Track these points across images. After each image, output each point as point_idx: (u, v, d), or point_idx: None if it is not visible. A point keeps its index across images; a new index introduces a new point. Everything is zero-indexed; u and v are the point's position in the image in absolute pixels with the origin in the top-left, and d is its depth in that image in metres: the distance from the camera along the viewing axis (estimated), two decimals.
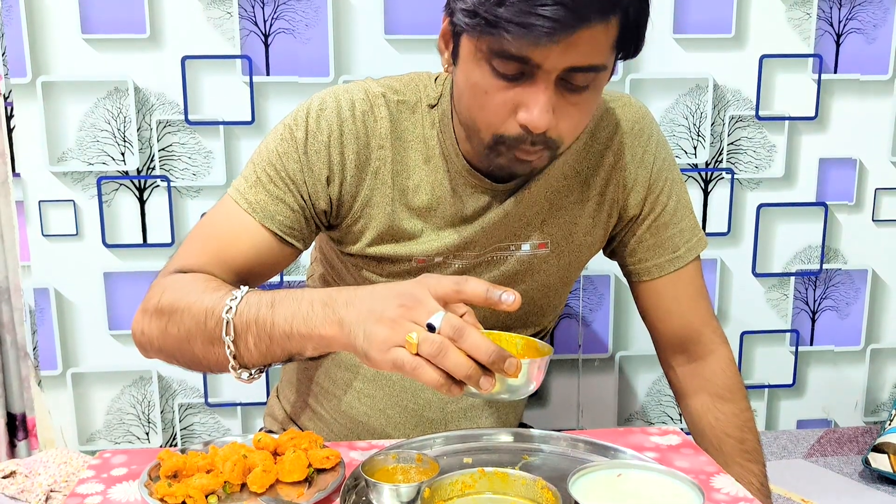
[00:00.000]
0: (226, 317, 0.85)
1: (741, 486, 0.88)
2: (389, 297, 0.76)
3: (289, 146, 1.00)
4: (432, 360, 0.71)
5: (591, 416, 1.81)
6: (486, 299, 0.75)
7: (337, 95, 1.01)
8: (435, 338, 0.71)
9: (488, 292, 0.75)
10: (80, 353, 1.67)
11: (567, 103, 0.88)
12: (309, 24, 1.58)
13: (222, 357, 0.87)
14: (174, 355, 0.93)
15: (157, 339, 0.94)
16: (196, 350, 0.89)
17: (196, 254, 0.99)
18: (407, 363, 0.72)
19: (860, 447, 1.72)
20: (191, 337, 0.89)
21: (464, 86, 0.91)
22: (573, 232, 1.09)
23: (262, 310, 0.84)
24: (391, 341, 0.73)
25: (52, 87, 1.56)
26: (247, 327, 0.85)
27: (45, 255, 1.62)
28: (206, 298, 0.88)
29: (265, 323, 0.84)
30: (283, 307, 0.83)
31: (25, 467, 1.45)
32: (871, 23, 1.69)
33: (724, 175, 1.72)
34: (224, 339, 0.86)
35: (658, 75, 1.66)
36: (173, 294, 0.92)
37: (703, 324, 1.15)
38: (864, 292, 1.82)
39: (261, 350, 0.85)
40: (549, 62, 0.84)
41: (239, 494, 0.84)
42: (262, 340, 0.84)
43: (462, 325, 0.72)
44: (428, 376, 0.72)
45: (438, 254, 1.05)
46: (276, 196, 1.00)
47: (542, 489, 0.78)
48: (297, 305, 0.82)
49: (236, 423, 1.74)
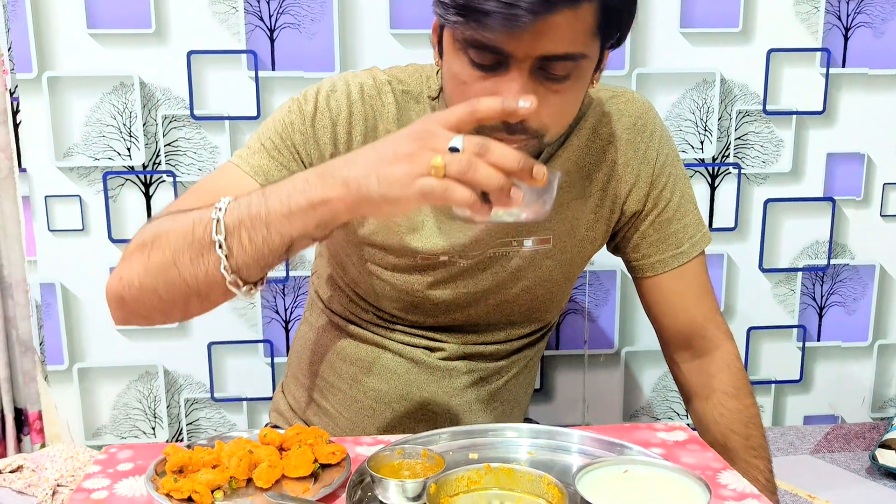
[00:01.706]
0: (216, 216, 0.81)
1: (747, 481, 0.88)
2: (398, 138, 0.75)
3: (296, 118, 1.01)
4: (462, 177, 0.70)
5: (597, 412, 1.81)
6: (503, 111, 0.74)
7: (346, 79, 1.03)
8: (461, 156, 0.71)
9: (504, 104, 0.74)
10: (86, 348, 1.67)
11: (548, 91, 0.87)
12: (314, 18, 1.58)
13: (213, 266, 0.81)
14: (157, 289, 0.86)
15: (137, 277, 0.87)
16: (183, 270, 0.83)
17: (186, 203, 0.92)
18: (436, 187, 0.71)
19: (867, 443, 1.71)
20: (177, 255, 0.83)
21: (447, 77, 0.93)
22: (576, 227, 1.08)
23: (253, 202, 0.80)
24: (413, 173, 0.72)
25: (58, 83, 1.56)
26: (239, 223, 0.80)
27: (52, 250, 1.62)
28: (192, 214, 0.84)
29: (259, 211, 0.79)
30: (276, 191, 0.80)
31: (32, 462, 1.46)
32: (880, 17, 1.68)
33: (731, 170, 1.71)
34: (215, 240, 0.80)
35: (665, 70, 1.66)
36: (155, 226, 0.88)
37: (707, 320, 1.14)
38: (871, 288, 1.81)
39: (256, 244, 0.80)
40: (521, 51, 0.83)
41: (245, 490, 0.84)
42: (257, 231, 0.79)
43: (485, 140, 0.72)
44: (460, 195, 0.71)
45: (443, 252, 1.05)
46: (279, 162, 0.99)
47: (548, 485, 0.78)
48: (291, 185, 0.79)
49: (242, 418, 1.74)
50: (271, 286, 1.68)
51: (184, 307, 0.88)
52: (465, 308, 1.11)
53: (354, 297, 1.15)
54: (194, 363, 1.70)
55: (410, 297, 1.09)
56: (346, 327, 1.17)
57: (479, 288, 1.09)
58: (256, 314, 1.69)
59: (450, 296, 1.09)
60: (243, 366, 1.71)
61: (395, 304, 1.11)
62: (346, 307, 1.17)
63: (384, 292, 1.09)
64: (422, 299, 1.09)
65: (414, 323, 1.12)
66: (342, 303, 1.17)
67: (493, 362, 1.16)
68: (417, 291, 1.08)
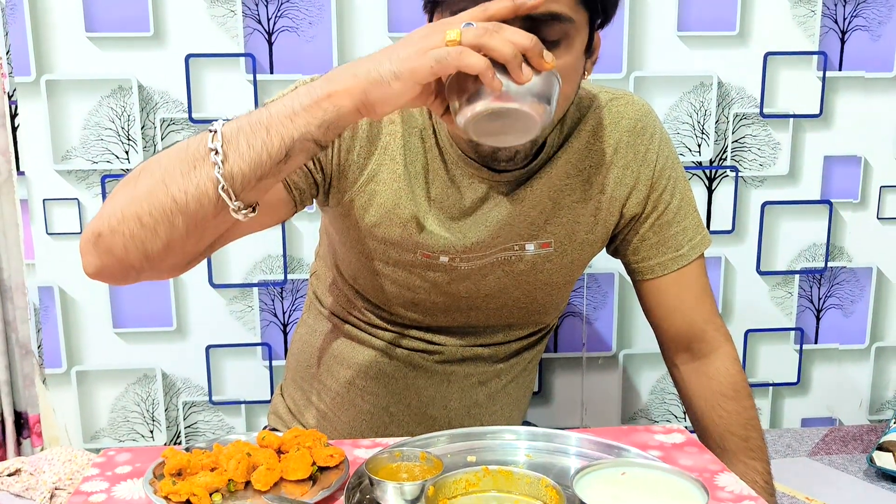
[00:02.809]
0: (214, 128, 0.78)
1: (745, 484, 0.88)
2: (412, 33, 0.77)
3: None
4: (477, 42, 0.72)
5: (595, 415, 1.81)
6: (515, 8, 0.76)
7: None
8: (477, 27, 0.73)
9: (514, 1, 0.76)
10: (84, 351, 1.67)
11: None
12: (312, 22, 1.58)
13: (205, 177, 0.77)
14: (140, 216, 0.79)
15: (121, 207, 0.81)
16: (172, 186, 0.78)
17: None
18: (451, 52, 0.72)
19: (865, 445, 1.71)
20: (167, 174, 0.79)
21: None
22: (576, 231, 1.09)
23: (254, 112, 0.79)
24: (428, 46, 0.74)
25: (57, 86, 1.56)
26: (238, 129, 0.77)
27: (50, 254, 1.62)
28: (185, 140, 0.81)
29: (260, 117, 0.77)
30: (280, 99, 0.79)
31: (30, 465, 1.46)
32: (877, 20, 1.68)
33: (729, 173, 1.72)
34: (211, 148, 0.77)
35: (662, 73, 1.66)
36: (146, 161, 0.84)
37: (706, 322, 1.14)
38: (868, 290, 1.81)
39: (255, 148, 0.76)
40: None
41: (243, 493, 0.84)
42: (256, 136, 0.76)
43: (497, 23, 0.74)
44: (474, 60, 0.72)
45: (444, 252, 1.04)
46: None
47: (546, 487, 0.78)
48: (294, 93, 0.78)
49: (240, 421, 1.74)
50: (269, 289, 1.68)
51: (167, 236, 0.80)
52: (465, 311, 1.11)
53: (354, 295, 1.15)
54: (192, 366, 1.70)
55: (411, 293, 1.09)
56: (344, 329, 1.17)
57: (480, 292, 1.09)
58: (254, 317, 1.69)
59: (450, 298, 1.09)
60: (241, 369, 1.71)
61: (395, 300, 1.10)
62: (345, 308, 1.17)
63: (384, 287, 1.09)
64: (422, 298, 1.09)
65: (413, 322, 1.12)
66: (341, 303, 1.17)
67: (492, 365, 1.16)
68: (418, 289, 1.08)
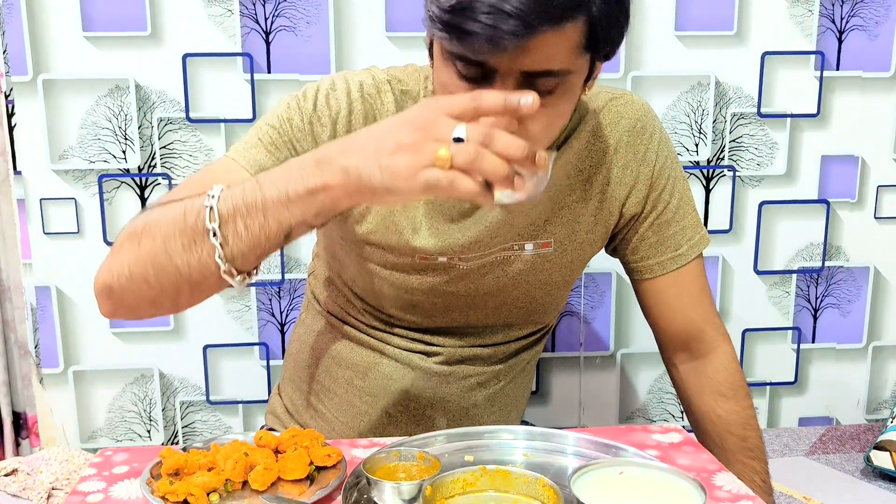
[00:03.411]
0: (209, 203, 0.79)
1: (743, 483, 0.88)
2: (398, 126, 0.74)
3: (295, 115, 1.00)
4: (469, 167, 0.70)
5: (593, 414, 1.81)
6: (505, 107, 0.73)
7: (346, 77, 1.03)
8: (468, 146, 0.70)
9: (507, 101, 0.73)
10: (81, 351, 1.67)
11: None
12: (310, 21, 1.58)
13: (207, 255, 0.79)
14: (147, 277, 0.83)
15: (127, 266, 0.84)
16: (175, 257, 0.81)
17: (178, 194, 0.89)
18: (442, 179, 0.70)
19: (862, 445, 1.72)
20: (168, 244, 0.81)
21: (436, 83, 0.93)
22: (576, 231, 1.09)
23: (247, 189, 0.79)
24: (418, 164, 0.71)
25: (54, 85, 1.56)
26: (234, 210, 0.78)
27: (47, 253, 1.62)
28: (183, 203, 0.82)
29: (255, 201, 0.78)
30: (271, 179, 0.78)
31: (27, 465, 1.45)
32: (874, 20, 1.68)
33: (726, 172, 1.72)
34: (209, 228, 0.78)
35: (660, 73, 1.66)
36: (145, 216, 0.86)
37: (705, 321, 1.14)
38: (865, 290, 1.81)
39: (253, 231, 0.78)
40: (504, 66, 0.84)
41: (240, 492, 0.84)
42: (253, 219, 0.78)
43: (489, 129, 0.71)
44: (466, 186, 0.70)
45: (442, 253, 1.04)
46: (276, 157, 0.98)
47: (543, 487, 0.78)
48: (286, 172, 0.78)
49: (238, 420, 1.74)
50: (267, 289, 1.67)
51: (174, 296, 0.85)
52: (464, 311, 1.11)
53: (352, 296, 1.15)
54: (190, 366, 1.70)
55: (409, 295, 1.09)
56: (342, 329, 1.17)
57: (479, 292, 1.09)
58: (252, 317, 1.69)
59: (449, 298, 1.09)
60: (239, 368, 1.71)
61: (394, 303, 1.10)
62: (343, 308, 1.17)
63: (382, 290, 1.09)
64: (420, 300, 1.09)
65: (412, 324, 1.12)
66: (339, 303, 1.17)
67: (491, 366, 1.16)
68: (416, 291, 1.08)
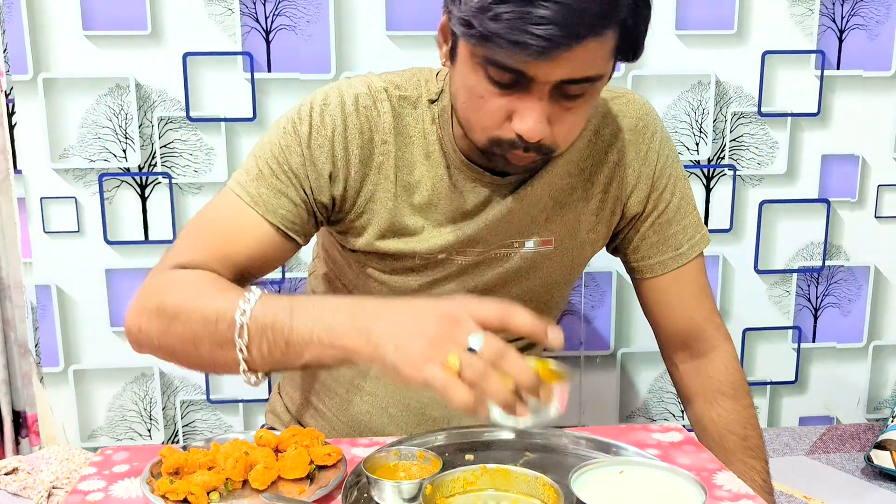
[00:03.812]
0: (240, 320, 0.82)
1: (743, 482, 0.88)
2: (428, 314, 0.75)
3: (292, 140, 0.99)
4: (474, 383, 0.70)
5: (593, 413, 1.81)
6: (531, 332, 0.73)
7: (340, 90, 1.01)
8: (478, 362, 0.70)
9: (534, 326, 0.73)
10: (81, 350, 1.67)
11: (562, 110, 0.88)
12: (310, 20, 1.58)
13: (231, 360, 0.84)
14: (175, 355, 0.90)
15: (157, 339, 0.90)
16: (202, 353, 0.86)
17: (196, 248, 0.97)
18: (439, 380, 0.70)
19: (862, 444, 1.72)
20: (197, 339, 0.86)
21: (460, 86, 0.92)
22: (577, 229, 1.09)
23: (279, 314, 0.81)
24: (428, 358, 0.72)
25: (54, 84, 1.56)
26: (262, 332, 0.81)
27: (47, 252, 1.62)
28: (216, 300, 0.86)
29: (283, 329, 0.80)
30: (304, 314, 0.80)
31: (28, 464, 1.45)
32: (874, 19, 1.68)
33: (727, 172, 1.72)
34: (237, 342, 0.82)
35: (660, 72, 1.66)
36: (178, 294, 0.90)
37: (705, 320, 1.14)
38: (866, 289, 1.81)
39: (275, 357, 0.82)
40: (543, 75, 0.84)
41: (241, 491, 0.84)
42: (277, 347, 0.81)
43: (504, 347, 0.71)
44: (460, 397, 0.70)
45: (441, 250, 1.04)
46: (278, 190, 0.99)
47: (543, 486, 0.78)
48: (320, 313, 0.80)
49: (238, 419, 1.74)
50: (267, 287, 1.67)
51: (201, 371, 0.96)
52: None
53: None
54: None
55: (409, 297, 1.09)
56: None
57: (478, 288, 1.09)
58: None
59: (448, 295, 1.09)
60: None
61: None
62: None
63: (381, 294, 1.09)
64: None
65: None
66: None
67: None
68: (415, 292, 1.08)
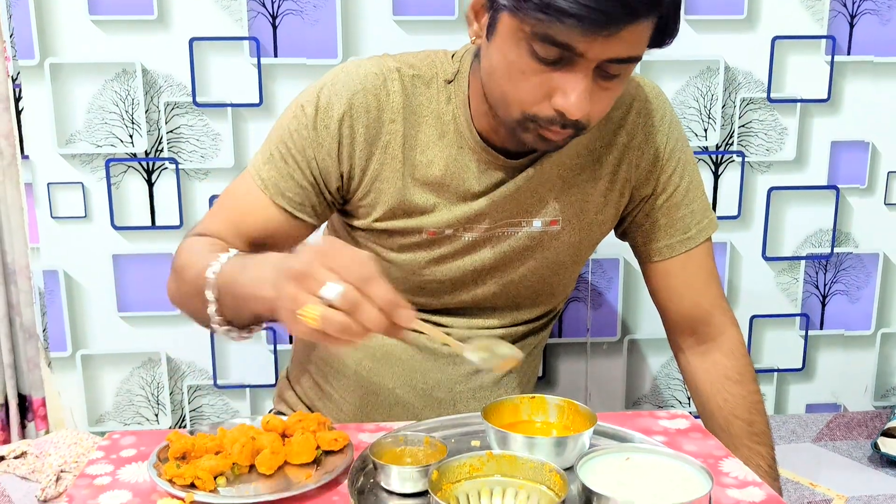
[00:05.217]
0: (209, 276, 0.89)
1: (749, 469, 0.88)
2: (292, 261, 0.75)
3: (300, 123, 1.02)
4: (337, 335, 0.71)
5: (600, 400, 1.81)
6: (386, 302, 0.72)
7: (349, 70, 1.03)
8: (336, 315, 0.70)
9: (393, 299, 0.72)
10: (89, 335, 1.67)
11: (599, 89, 0.89)
12: (317, 5, 1.57)
13: (211, 314, 0.91)
14: (187, 309, 1.00)
15: (174, 296, 1.02)
16: (197, 307, 0.93)
17: (215, 221, 1.05)
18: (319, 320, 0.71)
19: (869, 431, 1.71)
20: (191, 293, 0.94)
21: (498, 62, 0.91)
22: (585, 210, 1.09)
23: (234, 271, 0.87)
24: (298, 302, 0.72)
25: (61, 69, 1.56)
26: (224, 287, 0.88)
27: (54, 238, 1.62)
28: (203, 260, 0.92)
29: (234, 284, 0.86)
30: (250, 271, 0.85)
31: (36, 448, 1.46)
32: (886, 4, 1.66)
33: (735, 158, 1.71)
34: (208, 296, 0.89)
35: (669, 57, 1.65)
36: (185, 255, 0.99)
37: (713, 305, 1.14)
38: (875, 276, 1.81)
39: (235, 310, 0.88)
40: (593, 52, 0.84)
41: (247, 476, 0.84)
42: (235, 300, 0.87)
43: (360, 299, 0.71)
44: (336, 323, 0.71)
45: (449, 226, 1.05)
46: (286, 173, 1.02)
47: (549, 472, 0.78)
48: (260, 270, 0.84)
49: (245, 404, 1.74)
50: None
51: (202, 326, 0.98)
52: (471, 287, 1.11)
53: None
54: (197, 350, 1.70)
55: (416, 276, 1.09)
56: None
57: (485, 264, 1.09)
58: None
59: (455, 272, 1.09)
60: (246, 353, 1.71)
61: (401, 285, 1.10)
62: None
63: (389, 274, 1.09)
64: (427, 278, 1.09)
65: (420, 306, 1.12)
66: None
67: None
68: (422, 269, 1.08)
